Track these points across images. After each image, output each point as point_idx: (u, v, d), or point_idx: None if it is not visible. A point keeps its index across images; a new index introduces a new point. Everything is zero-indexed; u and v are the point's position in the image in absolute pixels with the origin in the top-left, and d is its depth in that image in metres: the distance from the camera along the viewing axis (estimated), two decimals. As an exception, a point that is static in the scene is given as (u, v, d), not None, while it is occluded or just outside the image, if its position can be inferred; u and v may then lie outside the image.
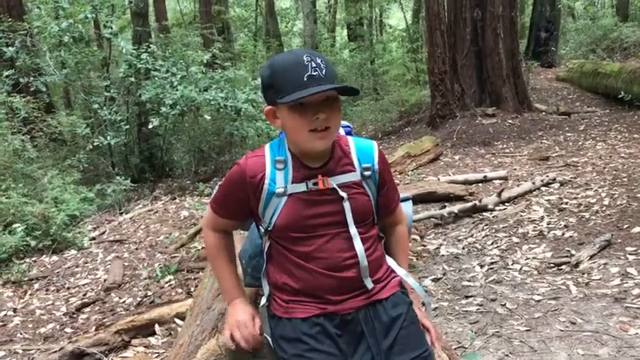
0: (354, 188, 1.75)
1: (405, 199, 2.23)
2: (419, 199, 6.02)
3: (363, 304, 1.74)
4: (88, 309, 4.50)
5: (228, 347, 1.81)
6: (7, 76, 8.32)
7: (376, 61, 17.70)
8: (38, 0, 10.36)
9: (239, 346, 1.77)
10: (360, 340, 1.73)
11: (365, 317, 1.73)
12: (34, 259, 5.73)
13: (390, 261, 1.87)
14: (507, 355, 3.00)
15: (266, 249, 1.81)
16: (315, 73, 1.59)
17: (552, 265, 4.18)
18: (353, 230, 1.72)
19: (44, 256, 5.81)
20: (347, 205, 1.72)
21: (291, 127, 1.67)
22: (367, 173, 1.78)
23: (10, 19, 8.65)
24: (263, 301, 1.82)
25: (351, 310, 1.72)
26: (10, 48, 8.26)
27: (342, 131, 1.97)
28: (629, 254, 4.08)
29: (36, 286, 5.11)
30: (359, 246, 1.72)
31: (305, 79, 1.58)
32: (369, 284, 1.74)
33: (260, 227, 1.81)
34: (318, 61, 1.61)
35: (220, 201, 1.83)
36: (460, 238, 5.04)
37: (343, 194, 1.71)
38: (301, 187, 1.71)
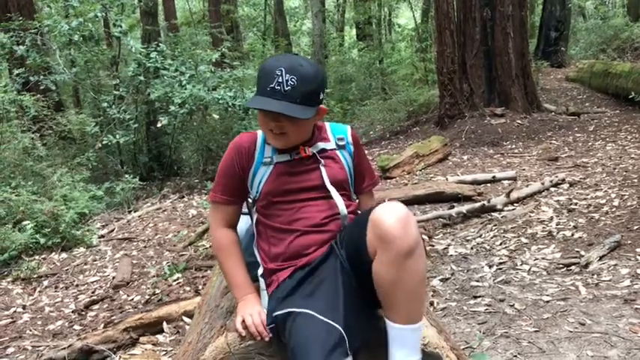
0: (331, 156, 2.00)
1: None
2: (427, 199, 6.01)
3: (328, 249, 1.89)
4: (96, 306, 4.53)
5: (239, 331, 1.86)
6: (17, 75, 8.37)
7: (385, 61, 17.67)
8: (49, -1, 10.42)
9: (249, 331, 1.84)
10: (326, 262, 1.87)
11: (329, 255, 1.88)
12: (43, 256, 5.77)
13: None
14: (516, 356, 2.98)
15: (254, 224, 2.02)
16: (277, 88, 1.79)
17: (561, 265, 4.16)
18: (331, 188, 1.93)
19: (53, 253, 5.84)
20: (323, 169, 1.95)
21: (259, 121, 1.95)
22: (341, 143, 2.04)
23: (20, 18, 8.69)
24: (262, 285, 1.97)
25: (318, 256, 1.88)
26: (20, 46, 8.30)
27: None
28: (640, 255, 4.06)
29: (45, 283, 5.14)
30: (339, 200, 1.92)
31: (267, 89, 1.80)
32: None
33: (249, 200, 2.05)
34: (287, 77, 1.79)
35: (220, 186, 2.01)
36: (468, 238, 5.02)
37: (321, 159, 1.97)
38: (285, 157, 1.95)
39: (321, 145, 2.01)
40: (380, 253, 1.64)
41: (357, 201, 2.14)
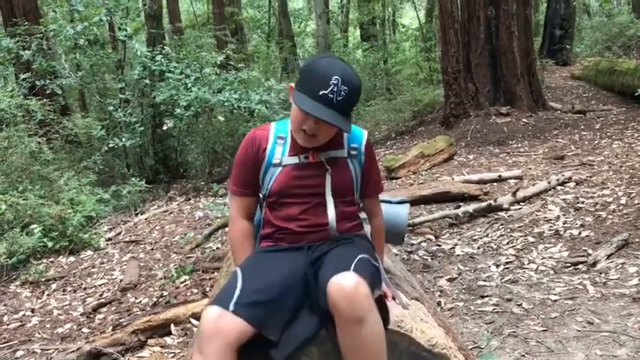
0: (340, 164, 2.03)
1: (402, 202, 2.58)
2: (433, 199, 6.00)
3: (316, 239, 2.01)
4: (104, 309, 4.54)
5: None
6: (23, 79, 8.41)
7: (389, 61, 17.64)
8: (54, 3, 10.45)
9: None
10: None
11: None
12: (51, 259, 5.79)
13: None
14: (524, 356, 2.98)
15: (263, 215, 2.11)
16: (330, 96, 1.82)
17: (569, 264, 4.15)
18: (329, 199, 2.00)
19: (61, 256, 5.87)
20: (328, 178, 2.00)
21: (292, 113, 1.95)
22: (353, 152, 2.07)
23: (26, 23, 8.73)
24: None
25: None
26: (26, 51, 8.34)
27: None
28: (647, 254, 4.04)
29: (53, 286, 5.16)
30: (331, 212, 1.99)
31: (319, 94, 1.82)
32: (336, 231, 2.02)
33: (260, 195, 2.12)
34: (343, 87, 1.82)
35: (237, 178, 2.10)
36: (475, 237, 5.01)
37: (328, 167, 2.00)
38: (294, 160, 2.01)
39: (332, 153, 2.03)
40: (335, 317, 1.71)
41: (362, 204, 2.20)
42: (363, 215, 2.20)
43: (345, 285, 1.67)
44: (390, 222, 2.37)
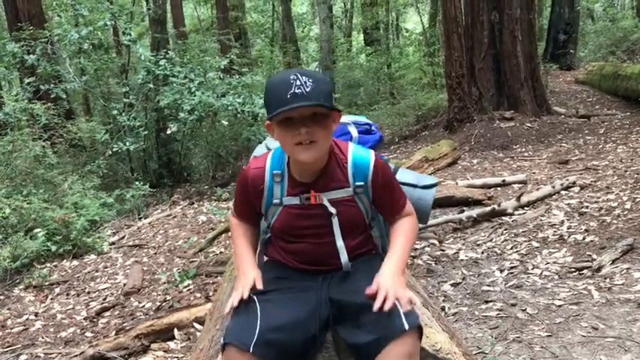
0: (346, 203, 1.90)
1: (429, 186, 2.34)
2: (437, 204, 5.98)
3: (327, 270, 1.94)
4: (107, 313, 4.54)
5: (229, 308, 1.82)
6: (28, 84, 8.44)
7: (393, 65, 17.66)
8: (59, 8, 10.50)
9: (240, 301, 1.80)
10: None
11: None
12: (54, 263, 5.80)
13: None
14: (528, 361, 2.96)
15: (268, 235, 2.06)
16: (298, 91, 1.70)
17: (573, 269, 4.13)
18: (340, 243, 1.89)
19: (65, 260, 5.87)
20: (335, 221, 1.88)
21: (280, 140, 1.82)
22: (360, 190, 1.91)
23: (31, 28, 8.77)
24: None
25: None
26: (31, 56, 8.38)
27: (355, 132, 2.20)
28: (652, 259, 4.02)
29: (57, 290, 5.17)
30: (344, 256, 1.89)
31: (288, 97, 1.71)
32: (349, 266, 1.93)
33: (263, 223, 2.05)
34: (304, 79, 1.72)
35: (238, 207, 2.05)
36: (479, 242, 5.00)
37: (332, 210, 1.88)
38: (294, 201, 1.89)
39: (335, 194, 1.89)
40: None
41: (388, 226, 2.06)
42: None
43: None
44: (413, 205, 2.19)
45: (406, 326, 1.66)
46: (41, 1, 11.08)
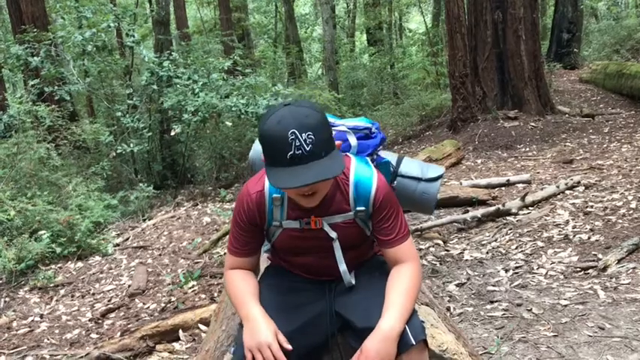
0: (346, 226, 1.87)
1: (434, 179, 2.22)
2: (441, 204, 5.98)
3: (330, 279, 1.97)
4: (112, 315, 4.55)
5: None
6: (32, 86, 8.45)
7: (396, 65, 17.67)
8: (62, 10, 10.52)
9: None
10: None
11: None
12: (59, 265, 5.81)
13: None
14: (534, 361, 2.95)
15: (270, 246, 2.04)
16: (299, 152, 1.60)
17: (579, 269, 4.11)
18: (342, 268, 1.88)
19: (69, 262, 5.88)
20: (337, 245, 1.86)
21: None
22: (362, 214, 1.87)
23: (35, 30, 8.79)
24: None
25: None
26: (35, 58, 8.39)
27: (353, 140, 2.07)
28: (658, 258, 4.00)
29: (62, 292, 5.17)
30: (347, 278, 1.90)
31: (288, 158, 1.61)
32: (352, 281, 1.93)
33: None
34: (303, 137, 1.60)
35: (236, 238, 1.94)
36: (484, 242, 4.99)
37: (333, 235, 1.85)
38: (295, 224, 1.86)
39: (335, 218, 1.85)
40: None
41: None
42: None
43: None
44: (417, 199, 2.21)
45: (413, 341, 1.68)
46: (45, 3, 11.11)
